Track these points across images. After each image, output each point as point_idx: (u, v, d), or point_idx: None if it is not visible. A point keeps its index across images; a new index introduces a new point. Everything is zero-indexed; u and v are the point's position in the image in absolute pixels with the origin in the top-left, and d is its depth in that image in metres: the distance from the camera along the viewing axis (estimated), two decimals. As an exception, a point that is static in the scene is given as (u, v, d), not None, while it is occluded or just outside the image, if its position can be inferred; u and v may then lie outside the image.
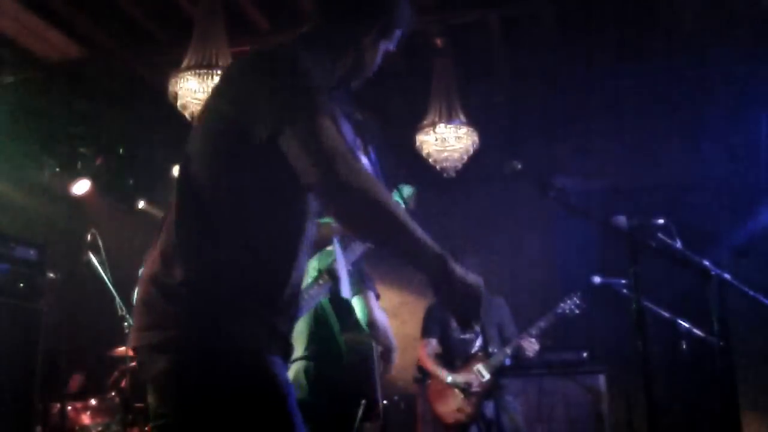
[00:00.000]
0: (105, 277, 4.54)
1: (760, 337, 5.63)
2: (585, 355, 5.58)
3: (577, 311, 4.64)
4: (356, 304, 3.58)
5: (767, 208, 5.71)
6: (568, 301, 4.67)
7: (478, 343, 4.87)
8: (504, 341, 4.85)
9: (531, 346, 4.70)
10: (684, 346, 4.37)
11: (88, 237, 4.74)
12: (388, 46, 2.01)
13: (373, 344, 3.54)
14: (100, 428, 4.96)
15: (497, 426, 4.62)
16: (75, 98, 5.88)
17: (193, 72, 4.03)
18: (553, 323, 4.74)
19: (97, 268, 4.53)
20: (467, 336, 4.86)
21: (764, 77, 5.27)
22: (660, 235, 2.91)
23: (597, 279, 4.57)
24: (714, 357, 5.11)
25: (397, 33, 2.01)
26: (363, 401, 3.78)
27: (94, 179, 6.36)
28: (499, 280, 5.62)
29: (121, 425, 4.75)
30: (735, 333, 5.56)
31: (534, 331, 4.74)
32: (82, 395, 5.16)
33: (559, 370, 5.50)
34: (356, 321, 3.50)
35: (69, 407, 4.91)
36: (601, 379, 5.57)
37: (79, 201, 6.54)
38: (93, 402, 5.06)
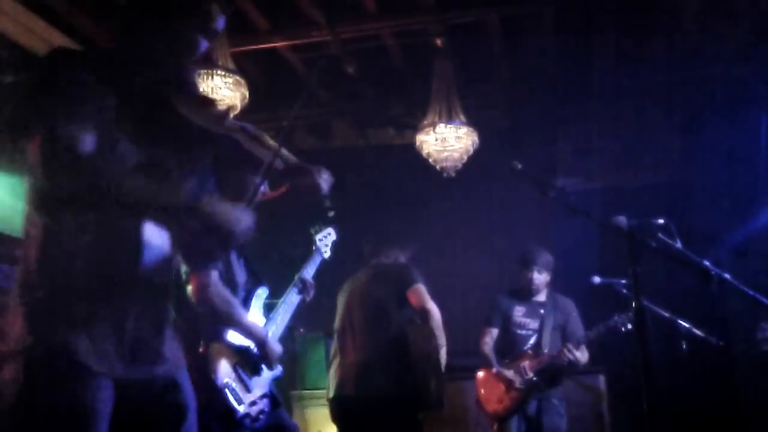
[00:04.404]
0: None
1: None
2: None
3: (625, 329, 4.58)
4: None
5: (767, 208, 5.70)
6: (621, 316, 4.61)
7: (533, 341, 4.85)
8: (564, 342, 4.80)
9: (569, 355, 4.65)
10: (684, 346, 4.37)
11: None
12: None
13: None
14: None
15: (537, 425, 4.62)
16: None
17: (193, 72, 4.02)
18: (601, 335, 4.69)
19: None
20: (524, 332, 4.87)
21: (764, 77, 5.26)
22: (660, 235, 2.90)
23: (597, 279, 4.56)
24: (714, 357, 5.12)
25: None
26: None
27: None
28: (498, 279, 5.60)
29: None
30: (735, 333, 5.55)
31: (579, 342, 4.70)
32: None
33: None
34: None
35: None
36: (601, 379, 5.57)
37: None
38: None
